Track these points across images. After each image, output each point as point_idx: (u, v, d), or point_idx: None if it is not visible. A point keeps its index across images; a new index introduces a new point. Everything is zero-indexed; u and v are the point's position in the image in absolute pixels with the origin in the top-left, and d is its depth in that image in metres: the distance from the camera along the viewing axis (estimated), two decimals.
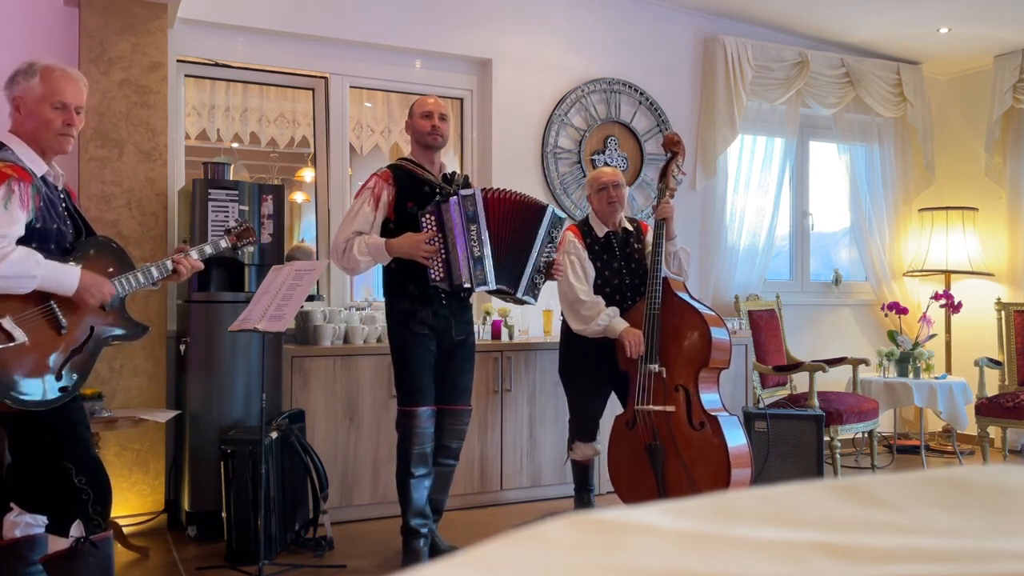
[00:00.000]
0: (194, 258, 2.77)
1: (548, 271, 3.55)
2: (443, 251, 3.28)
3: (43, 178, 2.48)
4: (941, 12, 5.36)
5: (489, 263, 3.34)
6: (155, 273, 2.66)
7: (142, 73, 3.95)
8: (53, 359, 2.40)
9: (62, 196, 2.57)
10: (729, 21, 5.64)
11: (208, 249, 2.87)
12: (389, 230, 3.38)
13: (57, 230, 2.48)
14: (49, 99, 2.47)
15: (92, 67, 3.86)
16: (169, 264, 2.70)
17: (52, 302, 2.41)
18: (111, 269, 2.58)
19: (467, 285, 3.30)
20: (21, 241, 2.36)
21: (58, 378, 2.40)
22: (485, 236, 3.34)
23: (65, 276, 2.40)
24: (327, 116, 4.74)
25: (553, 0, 5.14)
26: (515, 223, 3.46)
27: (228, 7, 4.35)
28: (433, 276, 3.28)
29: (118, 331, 2.60)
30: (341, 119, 4.75)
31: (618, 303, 3.84)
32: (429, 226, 3.28)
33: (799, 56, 5.71)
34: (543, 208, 3.53)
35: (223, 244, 2.95)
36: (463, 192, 3.33)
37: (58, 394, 2.40)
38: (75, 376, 2.45)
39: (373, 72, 4.80)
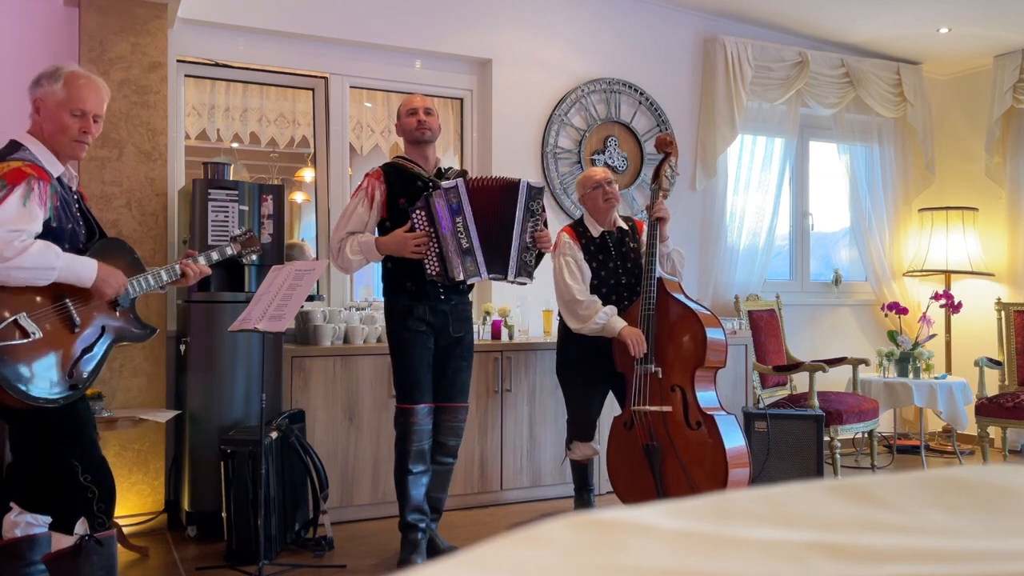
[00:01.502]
0: (202, 263, 2.83)
1: (535, 247, 3.45)
2: (436, 245, 3.28)
3: (59, 179, 2.53)
4: (941, 12, 5.36)
5: (479, 254, 3.33)
6: (165, 276, 2.72)
7: (142, 73, 3.95)
8: (65, 357, 2.44)
9: (76, 198, 2.63)
10: (729, 21, 5.65)
11: (215, 256, 2.94)
12: (385, 228, 3.39)
13: (72, 230, 2.53)
14: (69, 105, 2.52)
15: (92, 67, 3.85)
16: (178, 268, 2.77)
17: (67, 300, 2.46)
18: (122, 270, 2.63)
19: (459, 278, 3.30)
20: (37, 239, 2.41)
21: (69, 376, 2.44)
22: (472, 227, 3.33)
23: (83, 268, 2.45)
24: (327, 116, 4.74)
25: (553, 0, 5.14)
26: (498, 208, 3.40)
27: (228, 7, 4.35)
28: (429, 271, 3.28)
29: (128, 331, 2.65)
30: (341, 119, 4.75)
31: (615, 303, 3.83)
32: (420, 221, 3.28)
33: (799, 56, 5.72)
34: (516, 183, 3.43)
35: (229, 251, 3.02)
36: (445, 184, 3.32)
37: (68, 392, 2.43)
38: (85, 375, 2.48)
39: (373, 72, 4.80)
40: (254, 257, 3.14)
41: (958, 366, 5.89)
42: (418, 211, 3.28)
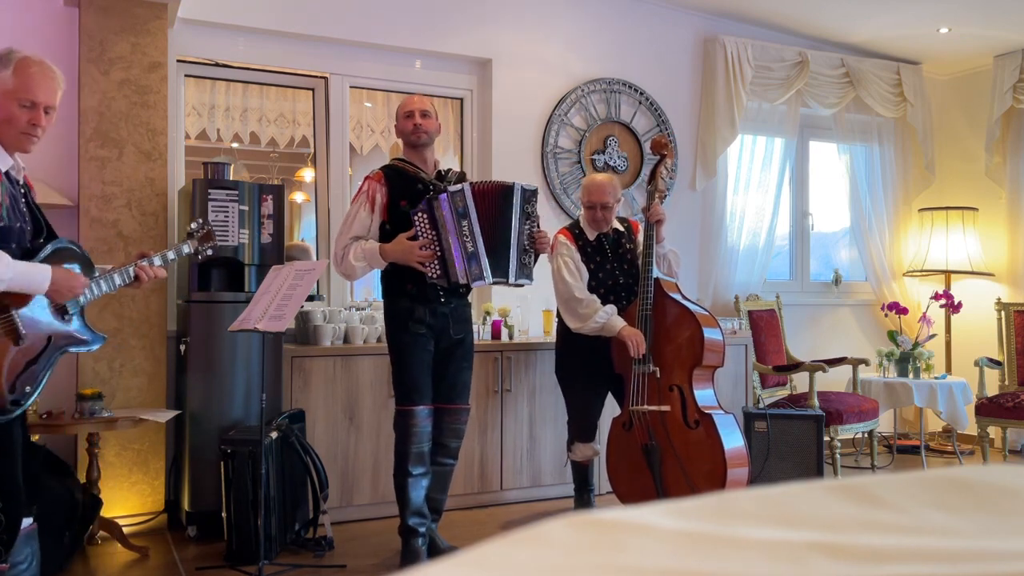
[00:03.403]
0: (157, 264, 2.67)
1: (533, 247, 3.47)
2: (438, 249, 3.28)
3: (7, 173, 2.35)
4: (941, 12, 5.36)
5: (483, 258, 3.32)
6: (118, 280, 2.56)
7: (142, 73, 3.95)
8: (7, 371, 2.28)
9: (23, 191, 2.43)
10: (729, 21, 5.65)
11: (171, 255, 2.78)
12: (385, 231, 3.38)
13: (19, 228, 2.35)
14: (18, 95, 2.33)
15: (92, 67, 3.86)
16: (132, 271, 2.59)
17: (13, 311, 2.30)
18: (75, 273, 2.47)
19: (463, 282, 3.30)
20: None
21: (11, 391, 2.27)
22: (477, 230, 3.31)
23: (36, 275, 2.28)
24: (327, 116, 4.74)
25: (553, 0, 5.14)
26: (497, 211, 3.40)
27: (228, 7, 4.35)
28: (430, 275, 3.28)
29: (77, 340, 2.48)
30: (341, 119, 4.75)
31: (613, 304, 3.83)
32: (422, 224, 3.27)
33: (799, 56, 5.71)
34: (510, 187, 3.43)
35: (186, 249, 2.87)
36: (452, 188, 3.31)
37: (10, 408, 2.28)
38: (28, 389, 2.32)
39: (373, 72, 4.80)
40: (210, 252, 2.96)
41: (958, 366, 5.89)
42: (420, 214, 3.28)
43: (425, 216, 3.28)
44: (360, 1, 4.67)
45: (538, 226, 3.51)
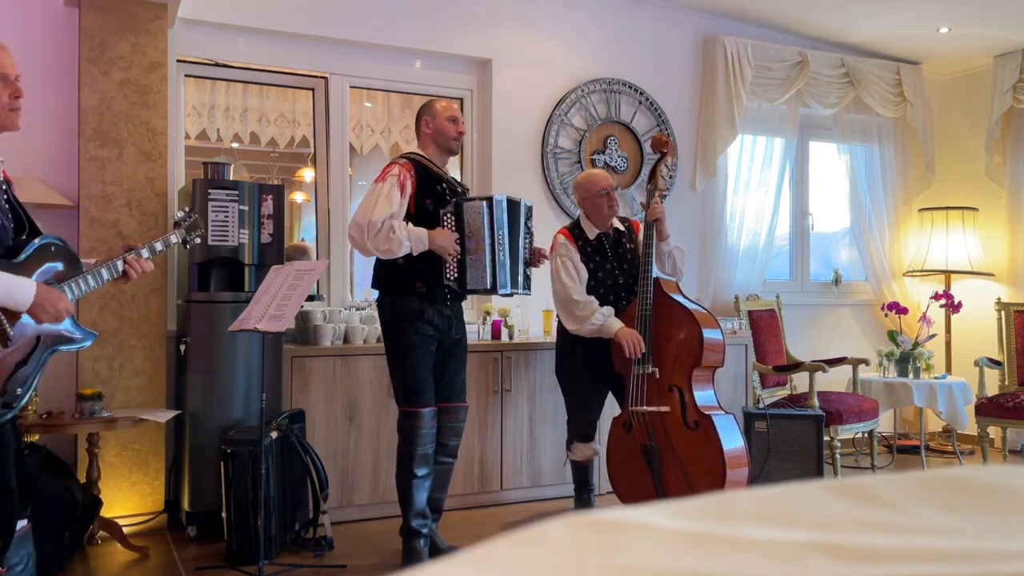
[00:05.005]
0: (145, 257, 2.56)
1: (532, 262, 3.65)
2: (459, 252, 3.34)
3: None
4: (941, 12, 5.36)
5: (508, 268, 3.44)
6: (105, 275, 2.45)
7: (142, 73, 3.95)
8: None
9: (3, 187, 2.31)
10: (729, 21, 5.65)
11: (159, 246, 2.66)
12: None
13: (1, 226, 2.24)
14: None
15: (92, 67, 3.86)
16: (120, 265, 2.48)
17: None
18: (61, 270, 2.36)
19: (489, 288, 3.37)
20: None
21: (2, 393, 2.20)
22: (507, 241, 3.43)
23: (19, 290, 2.16)
24: (327, 116, 4.74)
25: (553, 0, 5.14)
26: (515, 225, 3.54)
27: (228, 7, 4.35)
28: (448, 276, 3.31)
29: (67, 338, 2.39)
30: (341, 119, 4.75)
31: (612, 303, 3.84)
32: (448, 224, 3.32)
33: (799, 56, 5.71)
34: (519, 202, 3.59)
35: (174, 239, 2.80)
36: (497, 197, 3.41)
37: (1, 411, 2.21)
38: (19, 391, 2.24)
39: (373, 72, 4.80)
40: (198, 240, 2.90)
41: (958, 366, 5.89)
42: (448, 215, 3.34)
43: (452, 218, 3.33)
44: (360, 1, 4.67)
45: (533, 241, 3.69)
